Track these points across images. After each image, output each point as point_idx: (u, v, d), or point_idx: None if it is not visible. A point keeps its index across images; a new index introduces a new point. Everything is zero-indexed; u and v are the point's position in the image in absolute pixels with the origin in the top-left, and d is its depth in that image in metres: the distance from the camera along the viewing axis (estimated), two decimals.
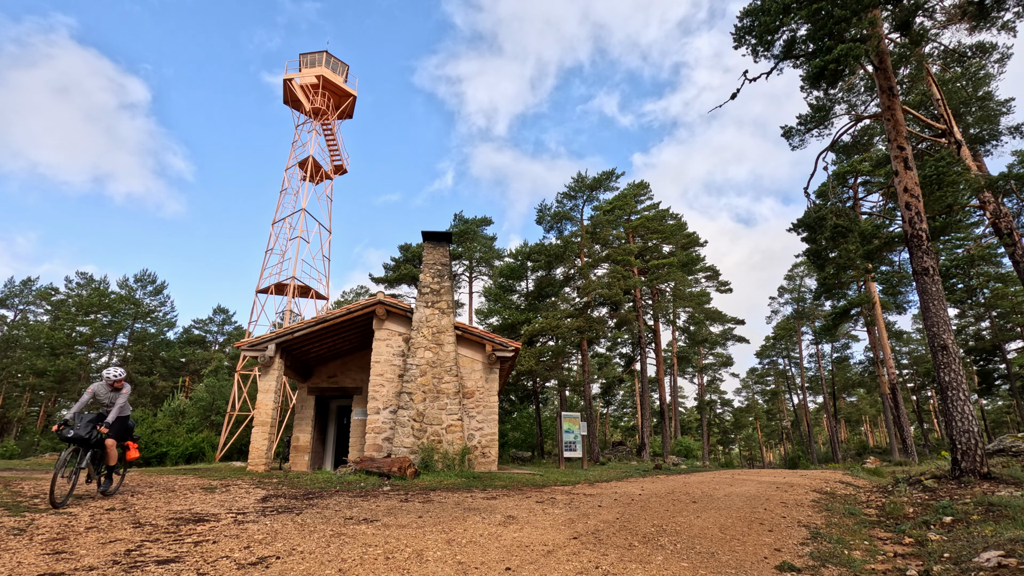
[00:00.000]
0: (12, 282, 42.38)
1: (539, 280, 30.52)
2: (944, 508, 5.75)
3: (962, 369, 8.32)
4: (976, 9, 9.72)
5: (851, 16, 8.55)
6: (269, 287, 25.62)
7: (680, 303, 35.17)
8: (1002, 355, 33.96)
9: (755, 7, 10.24)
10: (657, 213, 32.36)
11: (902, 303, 22.55)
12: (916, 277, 9.05)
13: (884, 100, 9.98)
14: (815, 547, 4.41)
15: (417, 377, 12.33)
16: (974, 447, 7.80)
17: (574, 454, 15.84)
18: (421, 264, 18.99)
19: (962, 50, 12.98)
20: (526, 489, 8.62)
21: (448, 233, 13.94)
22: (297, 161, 27.91)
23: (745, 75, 10.92)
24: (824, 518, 5.89)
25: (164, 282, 44.65)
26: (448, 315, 13.04)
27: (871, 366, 37.19)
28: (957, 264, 16.91)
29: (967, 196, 13.20)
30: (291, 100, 28.70)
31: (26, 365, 36.49)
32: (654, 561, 3.87)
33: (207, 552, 3.97)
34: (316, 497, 7.10)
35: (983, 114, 15.32)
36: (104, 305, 39.93)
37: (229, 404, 24.16)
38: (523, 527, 5.13)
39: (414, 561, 3.81)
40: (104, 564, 3.55)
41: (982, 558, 3.59)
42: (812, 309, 40.67)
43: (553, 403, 40.80)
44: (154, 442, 18.12)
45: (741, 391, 55.47)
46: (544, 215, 30.29)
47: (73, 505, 5.79)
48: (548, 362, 28.65)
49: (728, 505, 6.68)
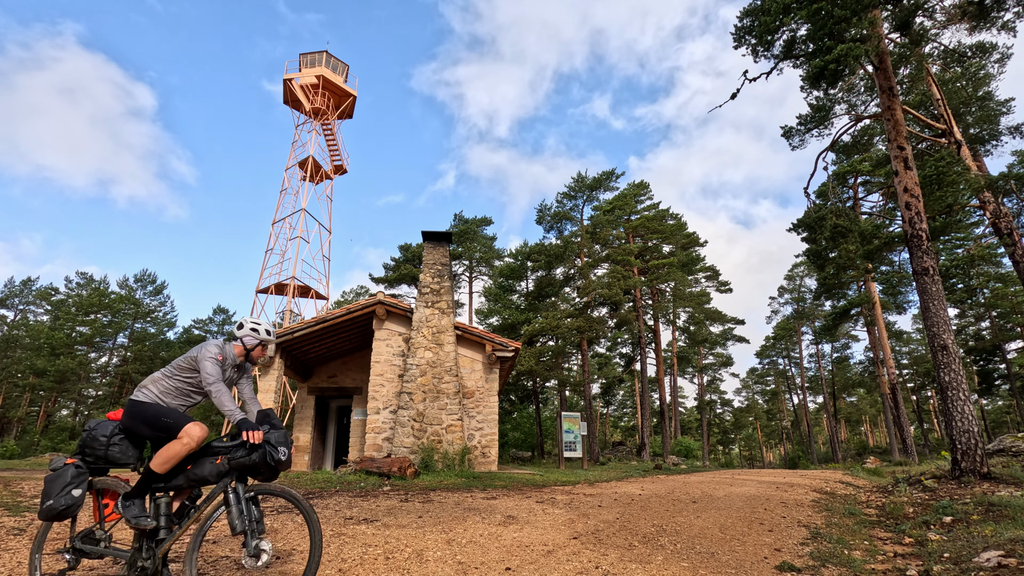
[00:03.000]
0: (12, 282, 42.39)
1: (539, 280, 30.53)
2: (944, 508, 5.75)
3: (962, 369, 8.32)
4: (976, 9, 9.72)
5: (851, 16, 8.54)
6: (269, 287, 25.63)
7: (680, 303, 35.16)
8: (1002, 355, 33.96)
9: (755, 7, 10.25)
10: (657, 213, 32.36)
11: (902, 303, 22.57)
12: (916, 277, 9.05)
13: (884, 100, 9.98)
14: (815, 547, 4.40)
15: (417, 377, 12.33)
16: (974, 447, 7.80)
17: (574, 454, 15.84)
18: (421, 264, 19.00)
19: (962, 50, 12.98)
20: (526, 489, 8.62)
21: (448, 233, 13.94)
22: (297, 161, 27.92)
23: (745, 75, 10.92)
24: (824, 518, 5.89)
25: (164, 282, 44.69)
26: (448, 315, 13.04)
27: (871, 366, 37.20)
28: (957, 264, 16.92)
29: (967, 196, 13.20)
30: (291, 100, 28.70)
31: (26, 365, 36.49)
32: (654, 561, 3.87)
33: (207, 552, 3.97)
34: (316, 497, 7.10)
35: (983, 114, 15.32)
36: (104, 305, 39.93)
37: None
38: (523, 527, 5.13)
39: (414, 561, 3.81)
40: (104, 564, 3.56)
41: (982, 558, 3.59)
42: (812, 309, 40.66)
43: (553, 403, 40.80)
44: None
45: (741, 391, 55.49)
46: (544, 215, 30.30)
47: None
48: (548, 362, 28.65)
49: (728, 505, 6.68)
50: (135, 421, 2.96)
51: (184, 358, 3.13)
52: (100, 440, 2.92)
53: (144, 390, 3.05)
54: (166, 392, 3.06)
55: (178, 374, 3.10)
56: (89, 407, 39.64)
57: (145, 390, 3.04)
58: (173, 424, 2.89)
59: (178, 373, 3.11)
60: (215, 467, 2.89)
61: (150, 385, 3.07)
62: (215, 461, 2.91)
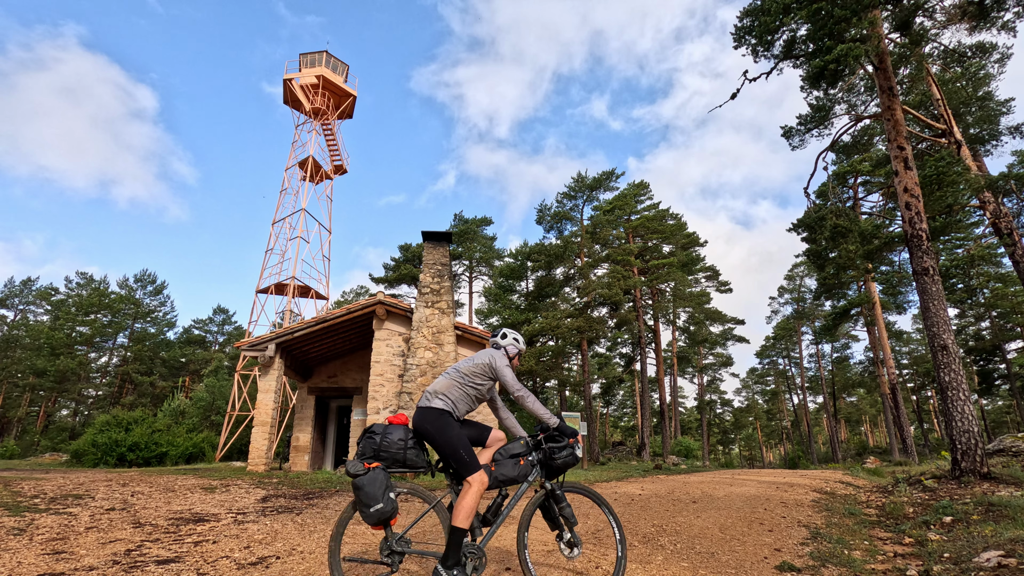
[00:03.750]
0: (12, 282, 42.39)
1: (539, 280, 30.53)
2: (944, 508, 5.75)
3: (962, 369, 8.32)
4: (976, 9, 9.72)
5: (851, 16, 8.54)
6: (269, 287, 25.62)
7: (680, 303, 35.17)
8: (1002, 355, 33.96)
9: (755, 7, 10.25)
10: (657, 213, 32.37)
11: (902, 303, 22.56)
12: (916, 277, 9.05)
13: (884, 100, 9.98)
14: (815, 547, 4.40)
15: (417, 377, 12.33)
16: (974, 447, 7.80)
17: None
18: (421, 264, 19.00)
19: (962, 50, 12.98)
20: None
21: (448, 233, 13.94)
22: (297, 161, 27.90)
23: (745, 75, 10.92)
24: (824, 518, 5.89)
25: (164, 282, 44.70)
26: (448, 315, 13.04)
27: (871, 366, 37.20)
28: (957, 264, 16.91)
29: (967, 196, 13.20)
30: (291, 100, 28.69)
31: (26, 365, 36.50)
32: (654, 561, 3.87)
33: (207, 552, 3.97)
34: (316, 497, 7.10)
35: (983, 114, 15.32)
36: (104, 305, 39.94)
37: (229, 404, 24.17)
38: None
39: (414, 561, 3.80)
40: (104, 564, 3.56)
41: (982, 558, 3.59)
42: (812, 309, 40.67)
43: (553, 403, 40.81)
44: (154, 442, 18.09)
45: (741, 391, 55.51)
46: (544, 215, 30.31)
47: (73, 505, 5.78)
48: (548, 362, 28.65)
49: (728, 505, 6.68)
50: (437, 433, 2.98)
51: (473, 366, 3.18)
52: (397, 444, 2.92)
53: (441, 398, 3.06)
54: (459, 399, 3.10)
55: (469, 381, 3.15)
56: (89, 407, 39.65)
57: (443, 398, 3.06)
58: (469, 463, 2.92)
59: (469, 380, 3.15)
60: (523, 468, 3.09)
61: (446, 392, 3.08)
62: (519, 463, 3.09)
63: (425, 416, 3.02)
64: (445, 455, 2.97)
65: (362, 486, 2.72)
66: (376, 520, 2.72)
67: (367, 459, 2.87)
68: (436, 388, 3.11)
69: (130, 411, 21.44)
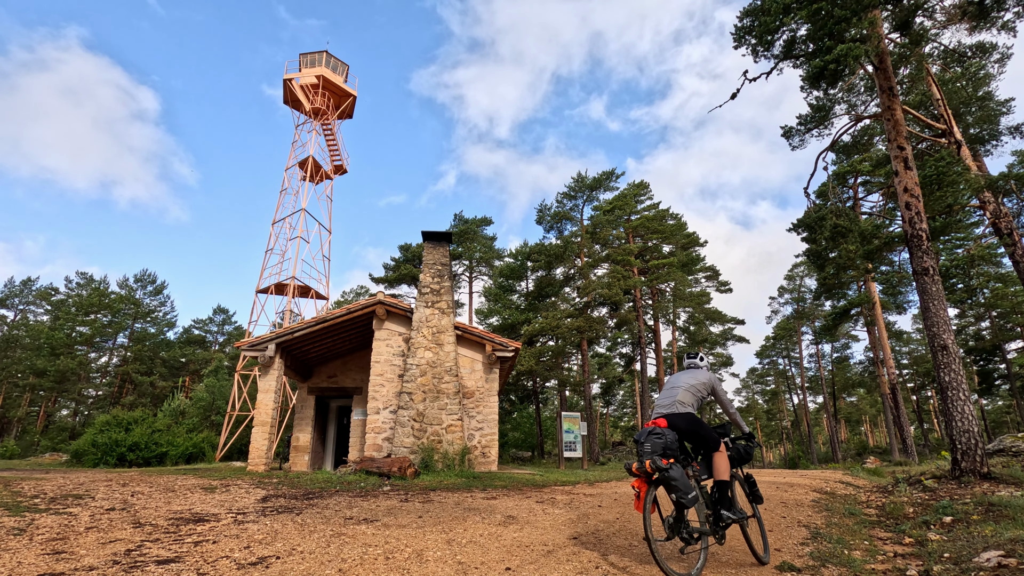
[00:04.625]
0: (12, 282, 42.38)
1: (539, 280, 30.53)
2: (944, 508, 5.75)
3: (962, 369, 8.32)
4: (976, 9, 9.72)
5: (851, 16, 8.54)
6: (269, 287, 25.62)
7: (680, 303, 35.15)
8: (1002, 355, 33.96)
9: (755, 7, 10.24)
10: (657, 213, 32.35)
11: (902, 303, 22.55)
12: (916, 277, 9.05)
13: (884, 100, 9.98)
14: (815, 547, 4.40)
15: (417, 377, 12.33)
16: (974, 447, 7.80)
17: (574, 454, 15.84)
18: (421, 264, 19.00)
19: (962, 50, 12.97)
20: (526, 489, 8.62)
21: (448, 233, 13.94)
22: (297, 161, 27.89)
23: (745, 75, 10.92)
24: (824, 518, 5.89)
25: (164, 282, 44.70)
26: (448, 315, 13.04)
27: (871, 366, 37.20)
28: (957, 264, 16.88)
29: (967, 196, 13.20)
30: (291, 100, 28.68)
31: (26, 365, 36.50)
32: (654, 561, 3.87)
33: (207, 552, 3.96)
34: (316, 497, 7.09)
35: (983, 114, 15.31)
36: (104, 305, 39.93)
37: (229, 404, 24.17)
38: (523, 527, 5.13)
39: (414, 561, 3.80)
40: (104, 564, 3.55)
41: (982, 558, 3.59)
42: (812, 309, 40.65)
43: (553, 403, 40.81)
44: (154, 442, 18.11)
45: (741, 391, 55.51)
46: (544, 215, 30.30)
47: (73, 505, 5.78)
48: (548, 362, 28.65)
49: None
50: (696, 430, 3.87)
51: (698, 384, 4.09)
52: (674, 445, 3.63)
53: (691, 407, 3.96)
54: (694, 405, 4.01)
55: (697, 394, 4.05)
56: (89, 407, 39.65)
57: (691, 406, 3.96)
58: (716, 440, 3.92)
59: (696, 394, 4.05)
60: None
61: (691, 402, 3.97)
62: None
63: (683, 418, 3.90)
64: (701, 437, 3.89)
65: (677, 478, 3.41)
66: (692, 503, 3.41)
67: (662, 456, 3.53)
68: (682, 398, 3.97)
69: (130, 411, 21.45)
